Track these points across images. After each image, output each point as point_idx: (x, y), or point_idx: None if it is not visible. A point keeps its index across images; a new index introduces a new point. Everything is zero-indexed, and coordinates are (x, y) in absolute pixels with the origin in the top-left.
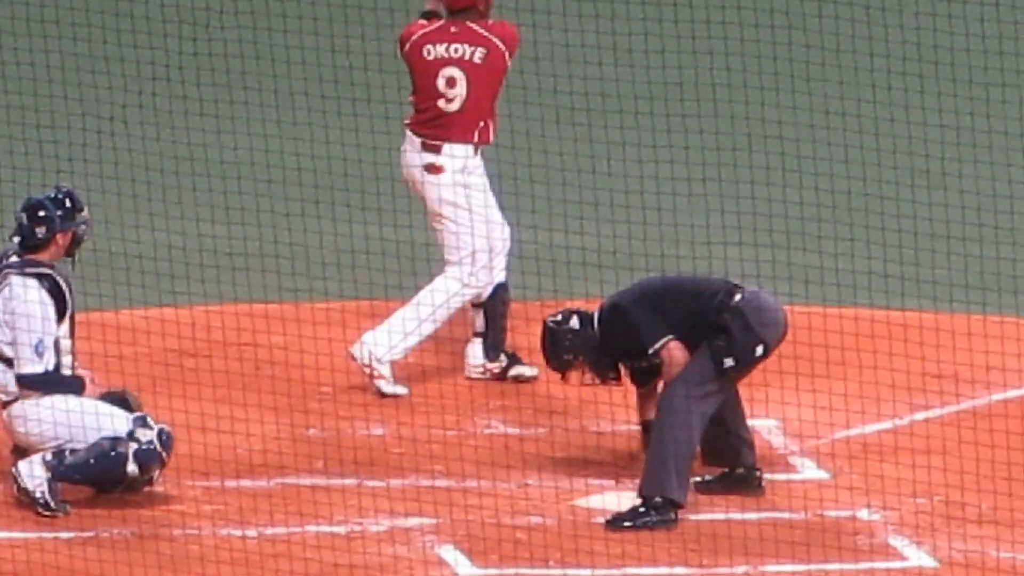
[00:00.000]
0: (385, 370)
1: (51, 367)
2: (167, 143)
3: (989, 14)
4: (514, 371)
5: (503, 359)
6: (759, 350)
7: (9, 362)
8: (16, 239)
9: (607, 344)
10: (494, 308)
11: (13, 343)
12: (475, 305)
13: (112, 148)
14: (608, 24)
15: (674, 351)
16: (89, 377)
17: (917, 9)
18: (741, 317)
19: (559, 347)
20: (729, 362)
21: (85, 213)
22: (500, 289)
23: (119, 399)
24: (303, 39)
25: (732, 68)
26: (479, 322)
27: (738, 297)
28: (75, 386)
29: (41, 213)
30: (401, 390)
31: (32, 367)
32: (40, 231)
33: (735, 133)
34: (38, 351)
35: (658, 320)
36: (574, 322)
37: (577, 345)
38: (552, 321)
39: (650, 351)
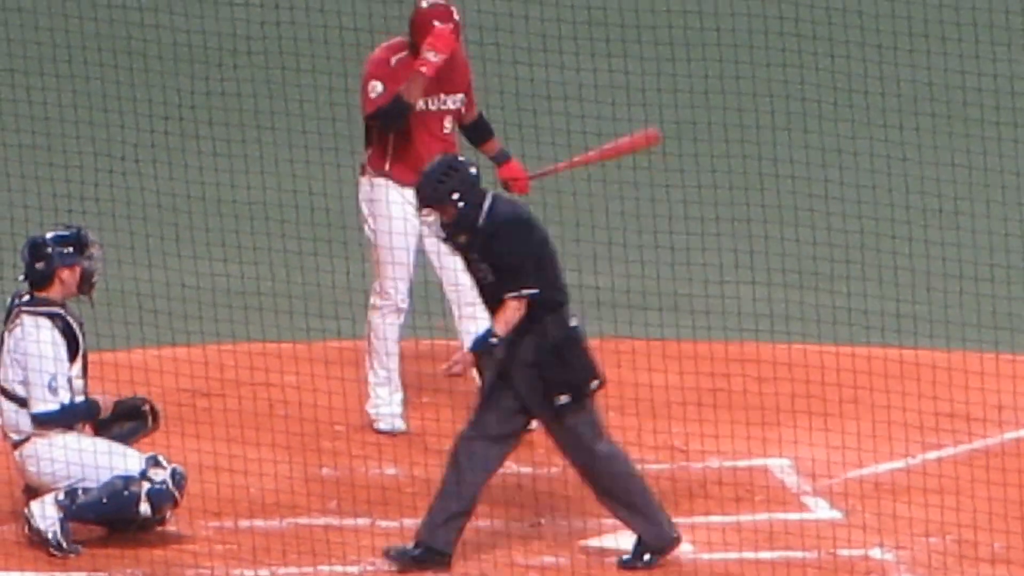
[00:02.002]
0: (373, 411)
1: (65, 403)
2: (180, 182)
3: (1001, 54)
4: None
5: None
6: (594, 384)
7: (20, 402)
8: (21, 276)
9: (481, 233)
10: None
11: (26, 382)
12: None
13: (125, 187)
14: (621, 63)
15: (517, 310)
16: (102, 401)
17: (929, 49)
18: (577, 345)
19: (451, 179)
20: (563, 399)
21: (93, 251)
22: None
23: (135, 408)
24: (316, 78)
25: (744, 108)
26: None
27: (574, 321)
28: (91, 410)
29: (39, 248)
30: (398, 425)
31: (46, 405)
32: (39, 266)
33: (748, 173)
34: (51, 388)
35: (535, 270)
36: (475, 171)
37: (465, 191)
38: (457, 158)
39: (509, 292)
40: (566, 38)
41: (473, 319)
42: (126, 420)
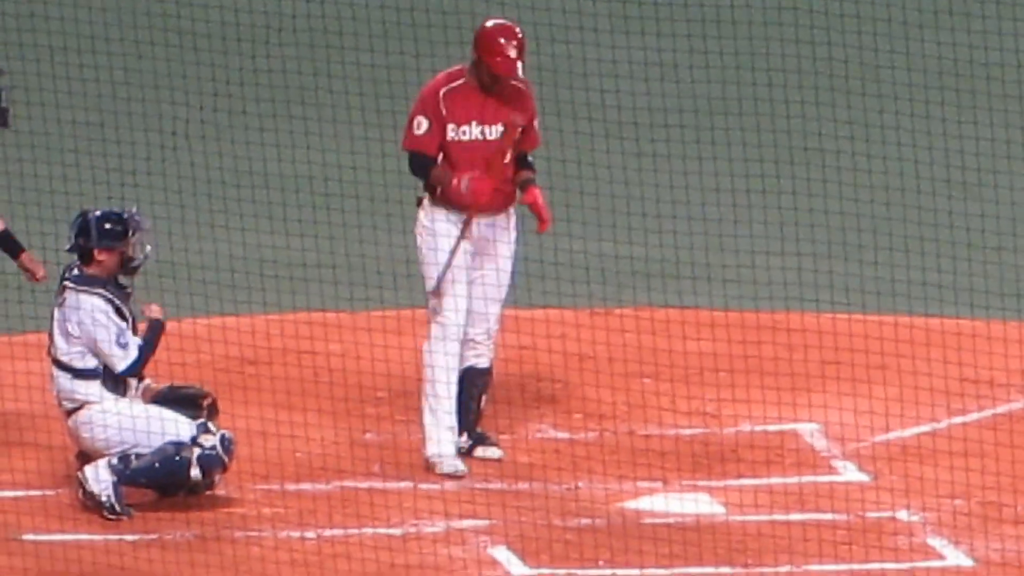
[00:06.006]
0: (435, 451)
1: (140, 345)
2: (228, 157)
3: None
4: (479, 451)
5: (465, 438)
6: None
7: (73, 371)
8: (67, 247)
9: None
10: (463, 389)
11: (97, 353)
12: None
13: (175, 162)
14: (654, 41)
15: None
16: (152, 312)
17: (953, 25)
18: None
19: None
20: None
21: (139, 237)
22: (472, 372)
23: (193, 397)
24: (359, 56)
25: (774, 83)
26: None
27: None
28: (158, 332)
29: (83, 224)
30: (460, 467)
31: (126, 361)
32: (81, 241)
33: (777, 146)
34: (120, 343)
35: None
36: None
37: None
38: None
39: None
40: (600, 15)
41: (472, 345)
42: (185, 408)
